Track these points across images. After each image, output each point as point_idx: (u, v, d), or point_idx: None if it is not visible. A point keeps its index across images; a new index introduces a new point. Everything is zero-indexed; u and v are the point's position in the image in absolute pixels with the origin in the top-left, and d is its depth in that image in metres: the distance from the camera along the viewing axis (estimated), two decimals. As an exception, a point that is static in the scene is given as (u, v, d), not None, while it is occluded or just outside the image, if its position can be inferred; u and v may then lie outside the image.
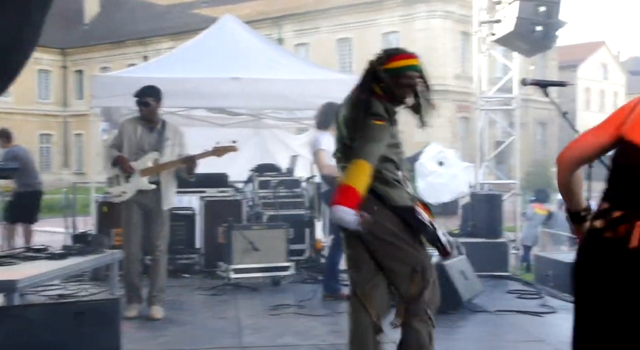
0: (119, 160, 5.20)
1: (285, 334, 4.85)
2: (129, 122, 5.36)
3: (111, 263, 6.03)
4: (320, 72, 8.14)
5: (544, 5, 7.09)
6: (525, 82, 3.76)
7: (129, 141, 5.24)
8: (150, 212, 5.32)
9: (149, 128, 5.29)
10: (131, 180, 5.21)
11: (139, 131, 5.26)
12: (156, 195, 5.27)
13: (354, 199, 3.02)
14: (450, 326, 5.16)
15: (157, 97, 5.30)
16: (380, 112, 3.24)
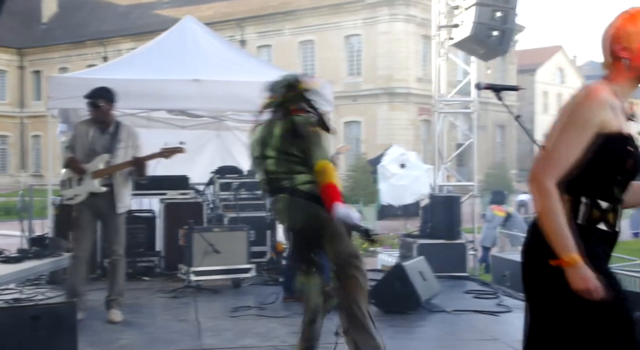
0: (71, 162, 5.15)
1: (246, 335, 4.87)
2: (82, 124, 5.32)
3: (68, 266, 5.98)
4: (278, 74, 8.14)
5: (500, 11, 7.25)
6: (480, 86, 3.83)
7: (82, 143, 5.18)
8: (104, 216, 5.26)
9: (101, 130, 5.22)
10: (83, 183, 5.16)
11: (91, 133, 5.20)
12: (109, 198, 5.20)
13: (341, 195, 3.50)
14: (408, 326, 5.25)
15: (109, 98, 5.23)
16: (313, 121, 3.75)
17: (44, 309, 3.99)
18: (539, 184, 2.10)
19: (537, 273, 2.20)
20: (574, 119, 2.11)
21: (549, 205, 2.08)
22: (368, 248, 14.52)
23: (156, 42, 8.39)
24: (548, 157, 2.12)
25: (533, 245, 2.22)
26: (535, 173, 2.12)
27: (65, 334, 3.88)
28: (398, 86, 32.69)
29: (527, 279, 2.27)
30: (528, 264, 2.25)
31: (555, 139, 2.12)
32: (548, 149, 2.13)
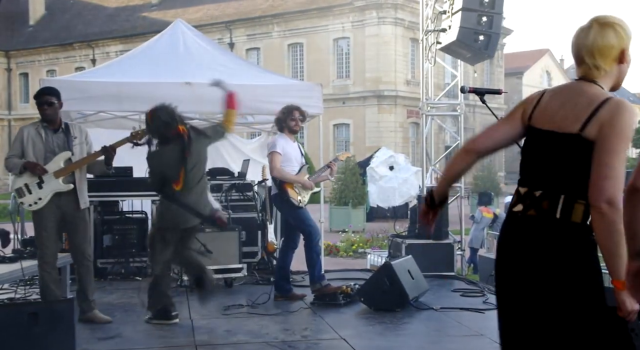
0: (29, 165, 5.01)
1: (238, 332, 4.98)
2: (29, 128, 5.15)
3: (62, 266, 6.06)
4: (271, 77, 8.28)
5: (486, 15, 7.40)
6: (464, 89, 3.99)
7: (34, 146, 5.07)
8: (68, 215, 5.17)
9: (53, 129, 5.16)
10: (45, 185, 5.04)
11: (43, 134, 5.12)
12: (73, 196, 5.16)
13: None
14: (397, 323, 5.38)
15: (59, 97, 5.23)
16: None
17: (42, 306, 4.09)
18: (614, 205, 2.11)
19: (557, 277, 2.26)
20: (625, 134, 2.19)
21: (620, 230, 2.10)
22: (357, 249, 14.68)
23: (147, 45, 8.48)
24: (614, 177, 2.15)
25: (557, 250, 2.27)
26: (608, 192, 2.12)
27: (63, 331, 3.98)
28: (386, 89, 32.88)
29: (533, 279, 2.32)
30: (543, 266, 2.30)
31: (608, 156, 2.17)
32: (608, 169, 2.15)
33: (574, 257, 2.25)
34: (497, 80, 40.81)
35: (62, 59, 43.22)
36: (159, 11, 40.98)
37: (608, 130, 2.19)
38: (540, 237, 2.30)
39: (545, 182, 2.32)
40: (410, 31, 32.78)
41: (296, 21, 35.22)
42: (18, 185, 5.03)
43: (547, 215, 2.29)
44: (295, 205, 6.04)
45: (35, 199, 5.04)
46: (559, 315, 2.25)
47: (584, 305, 2.23)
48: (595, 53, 2.32)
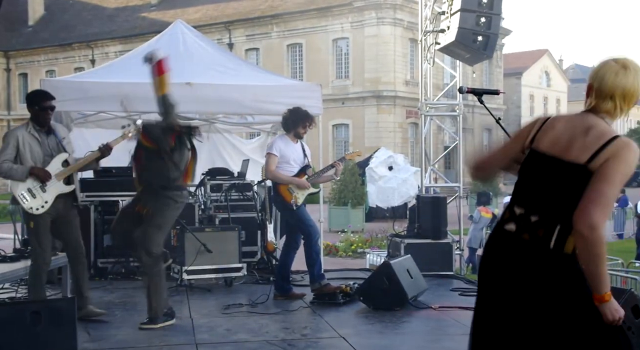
0: (37, 172, 5.01)
1: (238, 331, 5.02)
2: (22, 132, 5.10)
3: (63, 266, 6.10)
4: (271, 78, 8.32)
5: (485, 16, 7.44)
6: (462, 90, 4.02)
7: (32, 150, 5.06)
8: (63, 215, 5.19)
9: (46, 132, 5.18)
10: (48, 189, 5.05)
11: (39, 138, 5.12)
12: (72, 196, 5.22)
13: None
14: (396, 322, 5.41)
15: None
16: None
17: (44, 305, 4.12)
18: (596, 231, 2.20)
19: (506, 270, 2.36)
20: (625, 170, 2.26)
21: (602, 250, 2.23)
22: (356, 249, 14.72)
23: (147, 45, 8.50)
24: (602, 202, 2.22)
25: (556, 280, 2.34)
26: (594, 219, 2.20)
27: (64, 330, 4.01)
28: (385, 89, 32.93)
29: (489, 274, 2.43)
30: (494, 261, 2.41)
31: (605, 184, 2.24)
32: (600, 196, 2.23)
33: (564, 287, 2.32)
34: (496, 80, 40.86)
35: (61, 60, 43.24)
36: (158, 11, 41.01)
37: (611, 162, 2.26)
38: (531, 263, 2.37)
39: (543, 209, 2.37)
40: (409, 31, 32.82)
41: (295, 21, 35.26)
42: (21, 192, 4.97)
43: (540, 244, 2.35)
44: (288, 207, 6.08)
45: (42, 203, 5.03)
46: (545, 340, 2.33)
47: (576, 332, 2.30)
48: (627, 97, 2.37)
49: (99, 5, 44.48)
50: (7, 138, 5.06)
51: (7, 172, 4.95)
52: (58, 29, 44.34)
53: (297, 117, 6.19)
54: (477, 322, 2.48)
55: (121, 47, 40.53)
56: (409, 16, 32.78)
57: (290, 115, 6.23)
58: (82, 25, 43.71)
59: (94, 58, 41.84)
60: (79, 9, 45.41)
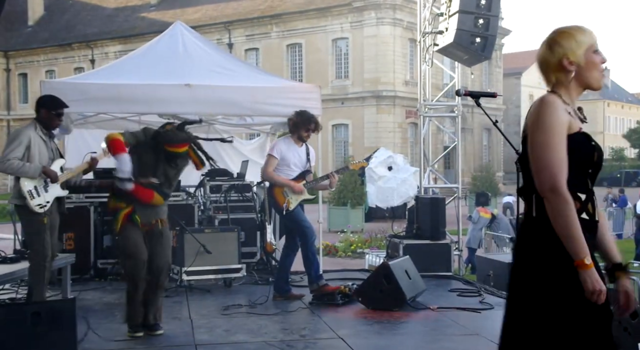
0: (49, 172, 5.16)
1: (237, 332, 5.04)
2: (31, 132, 5.21)
3: (64, 266, 6.13)
4: (270, 79, 8.34)
5: (483, 18, 7.47)
6: (459, 92, 4.04)
7: (40, 152, 5.19)
8: (52, 219, 5.30)
9: (50, 136, 5.34)
10: (49, 189, 5.20)
11: (47, 141, 5.26)
12: (62, 200, 5.42)
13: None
14: (394, 322, 5.44)
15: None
16: None
17: (45, 306, 4.16)
18: (553, 193, 2.25)
19: (535, 272, 2.35)
20: (544, 126, 2.32)
21: (566, 212, 2.25)
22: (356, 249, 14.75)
23: (147, 47, 8.53)
24: (547, 167, 2.28)
25: (533, 246, 2.37)
26: (543, 184, 2.26)
27: (64, 330, 4.04)
28: (385, 89, 32.96)
29: (519, 277, 2.42)
30: (525, 264, 2.40)
31: (534, 149, 2.32)
32: (539, 161, 2.30)
33: (550, 251, 2.33)
34: (495, 80, 40.90)
35: (61, 60, 43.27)
36: (157, 12, 41.03)
37: (531, 127, 2.38)
38: (523, 236, 2.45)
39: (524, 186, 2.48)
40: (409, 32, 32.85)
41: (295, 22, 35.30)
42: (29, 188, 5.09)
43: (528, 216, 2.44)
44: (279, 210, 6.12)
45: (44, 202, 5.16)
46: (536, 311, 2.34)
47: (557, 300, 2.31)
48: (539, 69, 2.53)
49: (98, 5, 44.52)
50: (18, 136, 5.14)
51: (19, 168, 5.04)
52: (58, 29, 44.38)
53: (301, 120, 6.22)
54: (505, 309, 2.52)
55: (121, 47, 40.56)
56: (409, 16, 32.80)
57: (295, 118, 6.25)
58: (81, 25, 43.75)
59: (93, 58, 41.88)
60: (79, 9, 45.44)
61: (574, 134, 2.36)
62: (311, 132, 6.31)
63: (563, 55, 2.44)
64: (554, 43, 2.47)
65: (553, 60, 2.46)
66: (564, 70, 2.45)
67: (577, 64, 2.44)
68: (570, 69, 2.44)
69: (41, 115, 5.29)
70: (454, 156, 10.53)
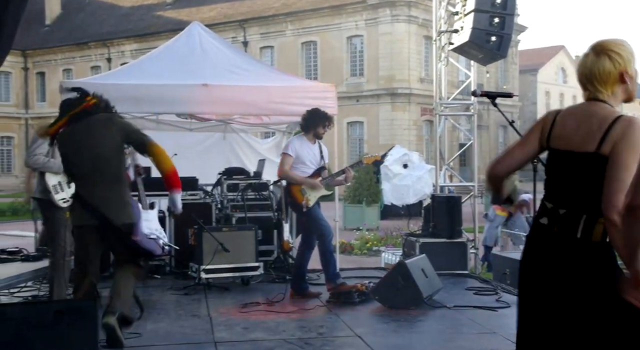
0: None
1: (256, 329, 5.10)
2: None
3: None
4: (286, 79, 8.39)
5: (498, 17, 7.45)
6: (476, 93, 4.07)
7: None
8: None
9: None
10: (71, 186, 5.28)
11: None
12: None
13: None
14: (411, 321, 5.48)
15: None
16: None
17: (67, 305, 4.23)
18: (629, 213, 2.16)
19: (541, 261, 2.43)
20: (635, 150, 2.31)
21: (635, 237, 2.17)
22: (371, 247, 14.77)
23: (164, 47, 8.62)
24: (621, 188, 2.25)
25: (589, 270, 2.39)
26: (620, 206, 2.22)
27: (86, 329, 4.10)
28: (400, 87, 32.89)
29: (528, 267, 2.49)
30: (531, 255, 2.48)
31: (619, 170, 2.29)
32: (620, 183, 2.28)
33: (594, 275, 2.37)
34: (511, 77, 40.68)
35: (77, 58, 43.63)
36: (173, 10, 41.23)
37: (620, 146, 2.33)
38: (562, 254, 2.45)
39: (568, 201, 2.46)
40: (423, 29, 32.74)
41: (309, 19, 35.32)
42: (53, 182, 5.33)
43: (569, 234, 2.43)
44: (299, 208, 6.16)
45: (67, 197, 5.36)
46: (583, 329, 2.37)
47: (604, 321, 2.34)
48: (594, 80, 2.48)
49: (114, 4, 44.84)
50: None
51: (45, 163, 5.27)
52: (74, 28, 44.74)
53: (316, 117, 6.28)
54: (522, 316, 2.55)
55: (137, 46, 40.81)
56: (424, 13, 32.70)
57: (309, 116, 6.32)
58: (97, 24, 44.08)
59: (110, 56, 42.18)
60: (95, 8, 45.78)
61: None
62: (327, 129, 6.39)
63: (622, 68, 2.45)
64: (615, 54, 2.47)
65: (614, 72, 2.46)
66: (622, 82, 2.47)
67: (630, 77, 2.48)
68: (628, 80, 2.48)
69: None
70: (469, 154, 10.52)
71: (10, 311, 4.05)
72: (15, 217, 21.34)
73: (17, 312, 4.05)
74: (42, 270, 5.50)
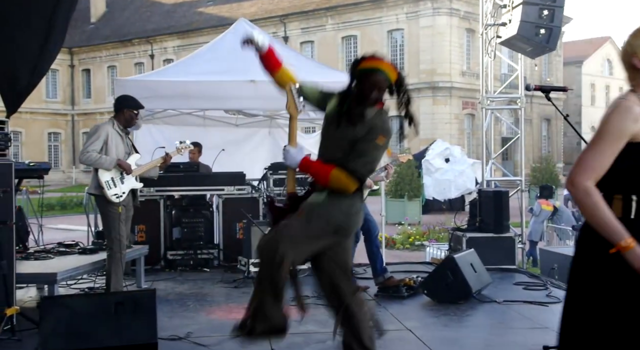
0: (122, 164, 5.54)
1: (307, 322, 5.16)
2: (108, 128, 5.59)
3: (138, 257, 6.40)
4: (332, 74, 8.44)
5: (547, 9, 7.37)
6: (529, 87, 4.05)
7: (117, 147, 5.58)
8: (127, 210, 5.67)
9: (126, 133, 5.74)
10: (125, 181, 5.60)
11: (123, 136, 5.67)
12: (133, 194, 5.78)
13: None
14: (460, 315, 5.48)
15: None
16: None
17: (127, 296, 4.37)
18: (576, 187, 2.32)
19: (587, 265, 2.41)
20: (604, 130, 2.34)
21: (591, 202, 2.30)
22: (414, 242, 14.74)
23: (212, 44, 8.75)
24: (579, 164, 2.35)
25: (584, 240, 2.45)
26: (572, 177, 2.35)
27: (146, 320, 4.24)
28: (441, 80, 32.63)
29: (575, 270, 2.48)
30: (579, 257, 2.48)
31: (586, 150, 2.37)
32: (579, 158, 2.36)
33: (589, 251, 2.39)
34: (555, 69, 39.97)
35: (122, 55, 44.44)
36: (214, 6, 41.65)
37: (597, 128, 2.39)
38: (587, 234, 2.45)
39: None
40: (465, 21, 32.43)
41: (349, 14, 35.29)
42: (106, 179, 5.49)
43: (625, 218, 2.39)
44: None
45: (120, 193, 5.55)
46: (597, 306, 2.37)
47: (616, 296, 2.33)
48: (624, 66, 2.50)
49: (157, 2, 45.52)
50: (98, 131, 5.55)
51: (96, 160, 5.44)
52: (118, 26, 45.60)
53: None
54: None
55: (179, 42, 41.37)
56: (466, 6, 32.37)
57: None
58: (141, 22, 44.83)
59: (153, 53, 42.86)
60: (138, 5, 46.56)
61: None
62: None
63: (632, 53, 2.44)
64: (630, 37, 2.47)
65: (625, 58, 2.47)
66: (634, 69, 2.45)
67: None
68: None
69: (123, 113, 5.68)
70: (512, 147, 10.42)
71: (74, 302, 4.21)
72: (64, 211, 21.95)
73: (81, 303, 4.21)
74: (99, 263, 5.67)
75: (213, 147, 8.66)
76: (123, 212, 5.51)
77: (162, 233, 7.71)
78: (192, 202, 8.03)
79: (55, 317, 4.07)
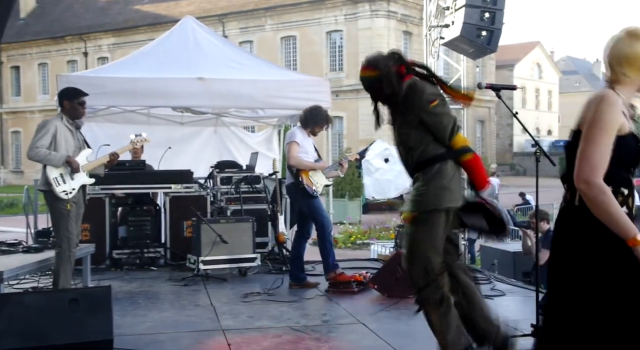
0: (69, 159, 5.36)
1: (261, 317, 5.21)
2: (57, 123, 5.42)
3: (84, 256, 6.28)
4: (281, 73, 8.51)
5: (489, 12, 7.62)
6: (481, 86, 4.21)
7: (67, 142, 5.41)
8: (77, 207, 5.51)
9: (76, 127, 5.57)
10: (75, 177, 5.42)
11: (71, 130, 5.48)
12: (85, 189, 5.64)
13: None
14: (410, 309, 5.48)
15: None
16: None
17: (82, 293, 4.30)
18: (590, 185, 2.39)
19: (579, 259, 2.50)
20: (599, 124, 2.44)
21: (605, 200, 2.38)
22: (355, 241, 14.92)
23: (157, 42, 8.67)
24: (586, 159, 2.41)
25: (576, 234, 2.52)
26: (583, 175, 2.40)
27: (101, 317, 4.18)
28: (379, 82, 33.02)
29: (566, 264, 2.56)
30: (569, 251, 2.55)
31: (584, 143, 2.44)
32: (582, 154, 2.43)
33: (592, 238, 2.47)
34: (488, 72, 41.14)
35: (53, 52, 43.18)
36: (151, 4, 40.98)
37: (589, 120, 2.47)
38: (565, 224, 2.59)
39: (569, 177, 2.58)
40: (402, 24, 33.01)
41: (289, 14, 35.38)
42: (54, 175, 5.34)
43: (569, 205, 2.57)
44: (310, 194, 6.26)
45: (70, 189, 5.39)
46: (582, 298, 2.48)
47: (603, 286, 2.45)
48: (623, 62, 2.56)
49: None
50: (46, 126, 5.37)
51: (45, 156, 5.28)
52: (50, 22, 44.25)
53: (319, 117, 6.41)
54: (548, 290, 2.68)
55: (114, 40, 40.51)
56: (403, 9, 32.96)
57: (312, 113, 6.41)
58: (74, 18, 43.64)
59: (86, 51, 41.82)
60: (71, 2, 45.33)
61: (625, 135, 2.46)
62: (324, 129, 6.60)
63: (624, 58, 2.53)
64: (618, 45, 2.55)
65: (636, 56, 2.53)
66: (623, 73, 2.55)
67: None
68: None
69: (65, 106, 5.51)
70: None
71: (27, 299, 4.11)
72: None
73: (33, 300, 4.11)
74: (46, 262, 5.54)
75: (158, 145, 8.54)
76: (73, 209, 5.37)
77: (107, 232, 7.58)
78: (139, 201, 7.92)
79: (7, 315, 3.97)
